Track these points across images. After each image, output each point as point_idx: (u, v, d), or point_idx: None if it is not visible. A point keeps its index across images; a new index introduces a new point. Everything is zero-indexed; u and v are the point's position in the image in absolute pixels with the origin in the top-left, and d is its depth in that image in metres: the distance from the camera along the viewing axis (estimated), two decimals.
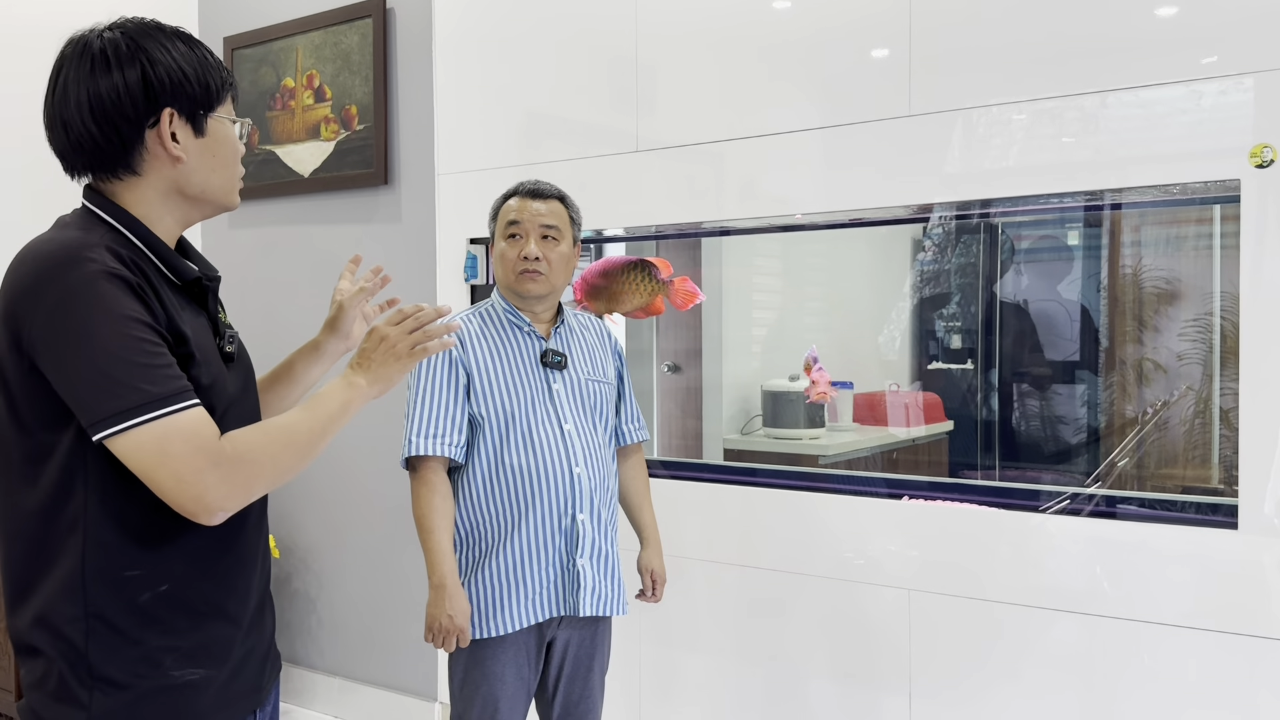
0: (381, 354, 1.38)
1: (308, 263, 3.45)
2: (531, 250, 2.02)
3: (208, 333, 1.32)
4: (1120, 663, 2.10)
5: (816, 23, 2.43)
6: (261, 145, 3.52)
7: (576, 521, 2.01)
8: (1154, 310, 2.81)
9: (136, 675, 1.23)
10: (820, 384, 2.65)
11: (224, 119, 1.33)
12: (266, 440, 1.25)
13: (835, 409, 3.22)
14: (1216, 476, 2.62)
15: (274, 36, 3.47)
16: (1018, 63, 2.18)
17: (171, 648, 1.25)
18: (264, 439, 1.25)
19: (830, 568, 2.44)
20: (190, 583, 1.27)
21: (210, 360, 1.29)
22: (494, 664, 1.99)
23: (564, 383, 2.06)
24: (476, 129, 3.01)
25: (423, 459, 1.98)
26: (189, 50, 1.30)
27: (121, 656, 1.23)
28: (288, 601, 3.55)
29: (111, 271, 1.17)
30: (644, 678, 2.75)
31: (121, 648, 1.23)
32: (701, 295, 2.53)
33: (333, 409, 1.32)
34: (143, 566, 1.24)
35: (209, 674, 1.28)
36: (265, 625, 1.41)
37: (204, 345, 1.29)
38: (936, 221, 2.78)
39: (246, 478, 1.21)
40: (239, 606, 1.33)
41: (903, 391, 3.34)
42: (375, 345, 1.38)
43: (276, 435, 1.26)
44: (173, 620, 1.26)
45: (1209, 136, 1.99)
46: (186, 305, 1.30)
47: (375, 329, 1.40)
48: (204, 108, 1.29)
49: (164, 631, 1.25)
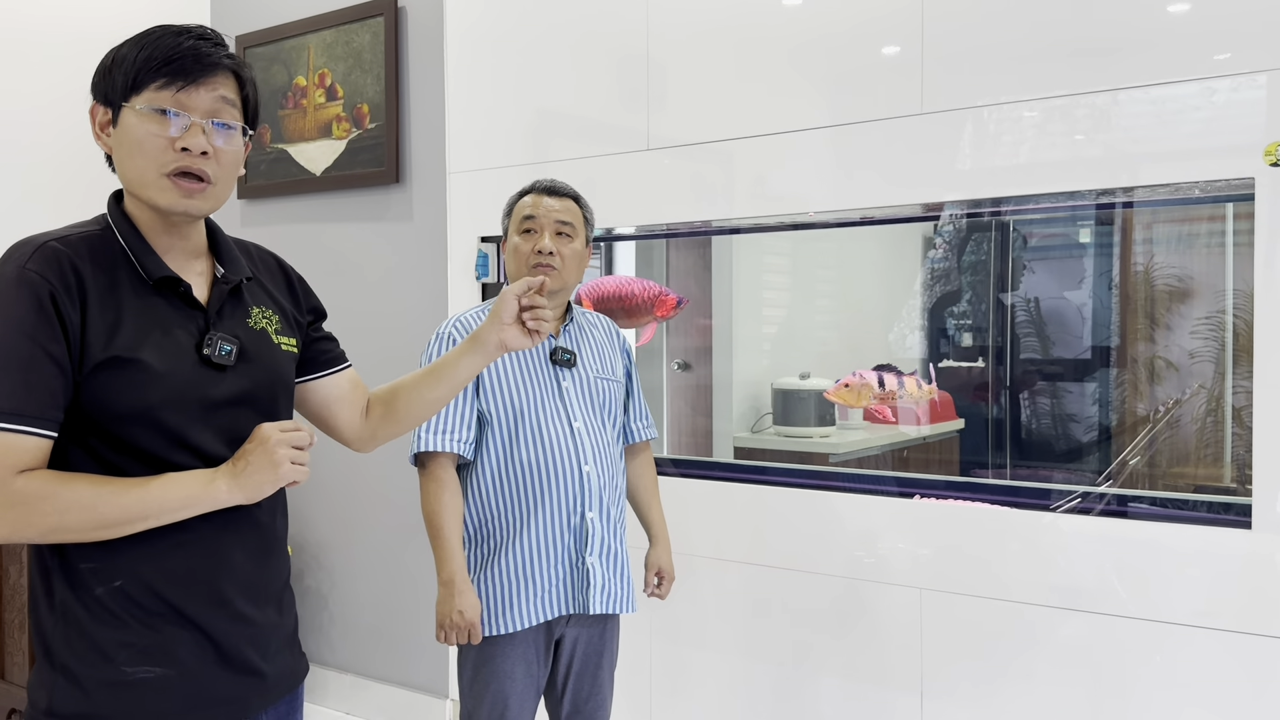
0: (257, 457, 1.26)
1: (319, 261, 3.46)
2: (546, 244, 2.03)
3: (190, 333, 1.29)
4: (1132, 662, 2.09)
5: (828, 21, 2.43)
6: (273, 144, 3.53)
7: (585, 519, 2.01)
8: (1166, 308, 2.80)
9: (89, 666, 1.24)
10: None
11: (135, 108, 1.24)
12: (64, 495, 1.18)
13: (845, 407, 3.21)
14: (1229, 475, 2.61)
15: (286, 35, 3.48)
16: (1029, 60, 2.17)
17: (125, 643, 1.25)
18: (62, 493, 1.18)
19: (841, 566, 2.44)
20: (145, 581, 1.26)
21: (168, 362, 1.25)
22: (504, 661, 2.00)
23: (573, 380, 2.07)
24: (488, 128, 3.02)
25: (432, 455, 1.99)
26: (139, 41, 1.27)
27: (78, 647, 1.24)
28: (300, 598, 3.56)
29: (26, 274, 1.18)
30: (653, 675, 2.75)
31: (78, 639, 1.25)
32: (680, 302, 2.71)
33: (171, 497, 1.23)
34: (96, 560, 1.24)
35: (165, 673, 1.26)
36: (256, 635, 1.35)
37: (167, 346, 1.26)
38: (948, 219, 2.77)
39: (17, 519, 1.17)
40: (204, 612, 1.29)
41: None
42: (255, 448, 1.26)
43: (79, 496, 1.19)
44: (126, 616, 1.25)
45: (1222, 134, 1.98)
46: (167, 304, 1.28)
47: (260, 428, 1.27)
48: (116, 99, 1.26)
49: (117, 626, 1.25)
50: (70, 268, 1.21)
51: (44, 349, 1.17)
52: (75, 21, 3.37)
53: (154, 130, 1.24)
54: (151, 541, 1.24)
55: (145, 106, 1.24)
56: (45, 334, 1.18)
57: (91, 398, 1.21)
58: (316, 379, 1.52)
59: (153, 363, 1.24)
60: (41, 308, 1.18)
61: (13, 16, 3.26)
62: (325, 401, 1.54)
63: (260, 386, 1.36)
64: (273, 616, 1.39)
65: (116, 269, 1.25)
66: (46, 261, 1.20)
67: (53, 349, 1.18)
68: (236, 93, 1.31)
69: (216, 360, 1.30)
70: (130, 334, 1.23)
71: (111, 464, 1.24)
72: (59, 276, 1.19)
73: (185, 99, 1.25)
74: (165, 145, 1.25)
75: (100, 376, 1.21)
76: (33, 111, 3.27)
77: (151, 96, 1.24)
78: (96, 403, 1.22)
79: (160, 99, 1.24)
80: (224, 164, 1.30)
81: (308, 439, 1.29)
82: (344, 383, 1.55)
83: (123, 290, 1.25)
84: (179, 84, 1.25)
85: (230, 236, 1.43)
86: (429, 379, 1.53)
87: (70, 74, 3.23)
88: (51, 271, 1.19)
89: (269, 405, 1.38)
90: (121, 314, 1.23)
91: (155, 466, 1.25)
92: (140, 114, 1.24)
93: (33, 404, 1.17)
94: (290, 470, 1.27)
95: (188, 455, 1.27)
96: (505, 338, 1.51)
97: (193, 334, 1.30)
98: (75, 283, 1.21)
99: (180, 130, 1.25)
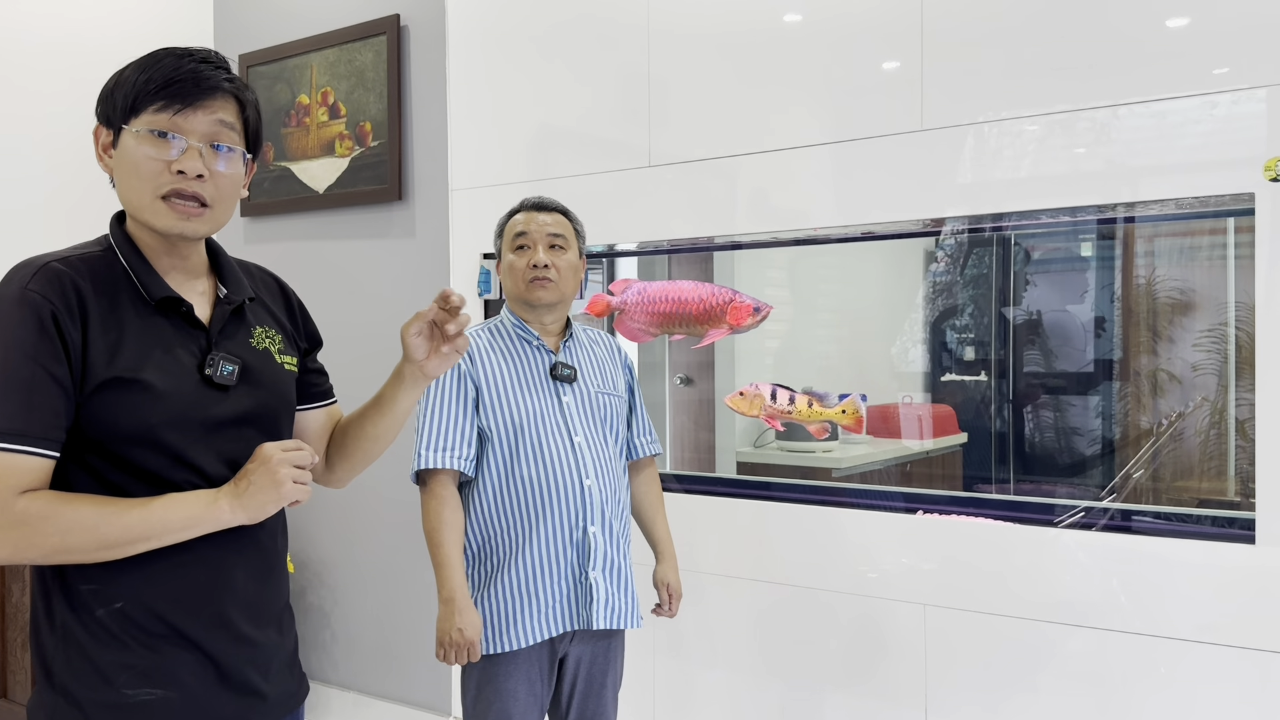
0: (260, 476, 1.24)
1: (322, 279, 3.48)
2: (540, 258, 2.04)
3: (192, 354, 1.29)
4: (1137, 677, 2.08)
5: (829, 38, 2.44)
6: (276, 162, 3.55)
7: (588, 534, 2.01)
8: (1168, 321, 2.79)
9: (90, 689, 1.24)
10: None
11: (135, 130, 1.24)
12: (66, 516, 1.17)
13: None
14: (1233, 489, 2.60)
15: (289, 54, 3.50)
16: (1029, 75, 2.17)
17: (126, 665, 1.24)
18: (64, 514, 1.17)
19: (845, 582, 2.43)
20: (145, 603, 1.25)
21: (170, 382, 1.25)
22: (507, 680, 1.99)
23: (574, 395, 2.07)
24: (490, 145, 3.03)
25: (432, 473, 1.99)
26: (139, 64, 1.27)
27: (77, 669, 1.24)
28: (302, 616, 3.55)
29: (28, 295, 1.18)
30: (658, 692, 2.74)
31: (78, 661, 1.24)
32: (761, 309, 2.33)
33: (174, 518, 1.22)
34: (97, 582, 1.24)
35: (167, 695, 1.26)
36: (257, 656, 1.35)
37: (169, 366, 1.26)
38: (949, 234, 2.77)
39: (19, 540, 1.16)
40: (206, 634, 1.29)
41: (916, 404, 3.33)
42: (257, 467, 1.25)
43: (82, 517, 1.18)
44: (127, 638, 1.25)
45: (1222, 148, 1.98)
46: (169, 325, 1.28)
47: (262, 447, 1.26)
48: (116, 121, 1.27)
49: (119, 649, 1.24)
50: (72, 288, 1.21)
51: (46, 369, 1.17)
52: (79, 41, 3.39)
53: (151, 153, 1.25)
54: (153, 563, 1.24)
55: (143, 129, 1.24)
56: (47, 354, 1.18)
57: (93, 418, 1.21)
58: (302, 411, 1.51)
59: (155, 383, 1.24)
60: (43, 328, 1.18)
61: (17, 38, 3.28)
62: (305, 435, 1.52)
63: (263, 406, 1.36)
64: (273, 637, 1.39)
65: (118, 289, 1.25)
66: (48, 282, 1.20)
67: (55, 369, 1.18)
68: (237, 116, 1.31)
69: (219, 380, 1.30)
70: (132, 354, 1.23)
71: (112, 483, 1.24)
72: (60, 297, 1.19)
73: (183, 122, 1.25)
74: (161, 168, 1.25)
75: (102, 397, 1.21)
76: (35, 132, 3.29)
77: (150, 119, 1.25)
78: (98, 423, 1.21)
79: (158, 121, 1.25)
80: (222, 187, 1.29)
81: (309, 458, 1.28)
82: (326, 419, 1.55)
83: (124, 310, 1.25)
84: (176, 106, 1.25)
85: (232, 257, 1.43)
86: (372, 413, 1.49)
87: (74, 95, 3.25)
88: (53, 292, 1.19)
89: (272, 425, 1.38)
90: (123, 334, 1.24)
91: (157, 486, 1.25)
92: (138, 136, 1.25)
93: (36, 424, 1.17)
94: (293, 489, 1.26)
95: (190, 474, 1.27)
96: (427, 370, 1.43)
97: (194, 354, 1.29)
98: (77, 303, 1.21)
99: (178, 153, 1.25)
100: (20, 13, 3.28)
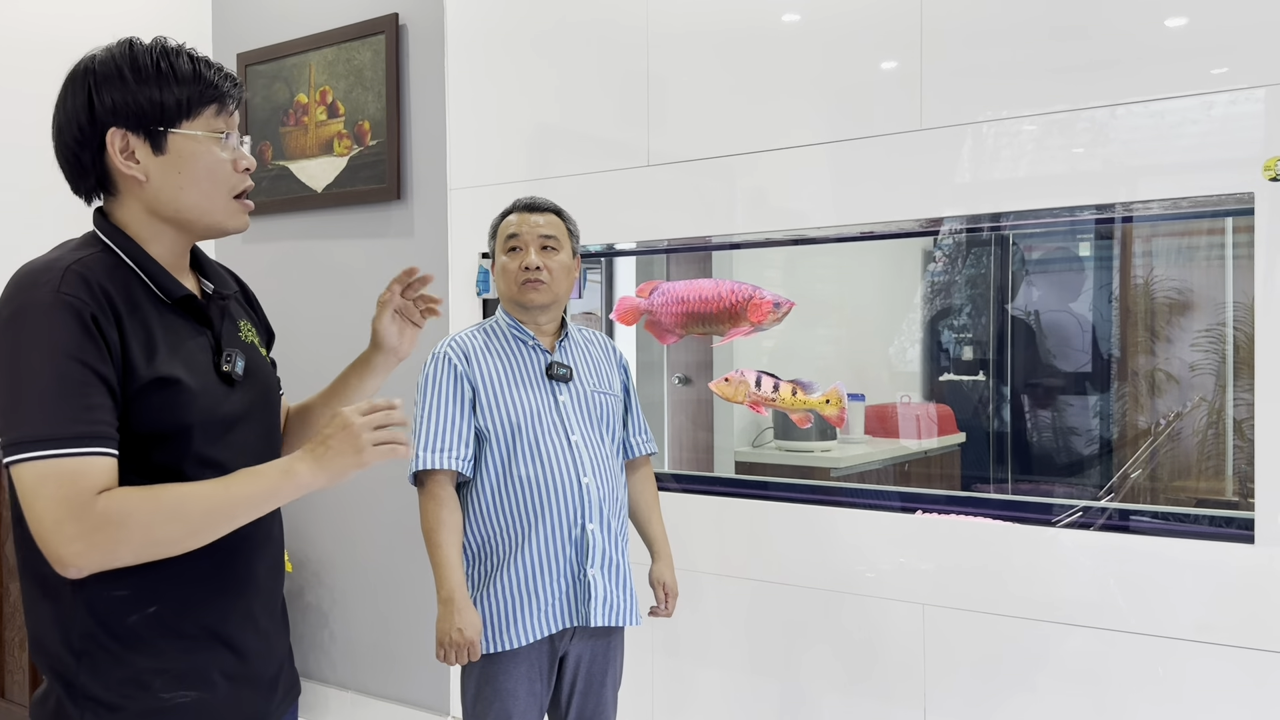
0: (339, 442, 1.22)
1: (320, 278, 3.47)
2: (532, 260, 2.04)
3: (205, 351, 1.29)
4: (1135, 677, 2.08)
5: (827, 38, 2.44)
6: (275, 161, 3.55)
7: (586, 531, 2.01)
8: (1166, 321, 2.80)
9: (125, 696, 1.22)
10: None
11: (193, 134, 1.25)
12: (149, 507, 1.15)
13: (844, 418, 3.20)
14: (1231, 489, 2.60)
15: (287, 53, 3.50)
16: (1028, 75, 2.18)
17: (161, 670, 1.23)
18: (147, 505, 1.15)
19: (843, 582, 2.44)
20: (180, 606, 1.24)
21: (198, 380, 1.25)
22: (506, 679, 1.99)
23: (570, 394, 2.07)
24: (488, 144, 3.03)
25: (430, 473, 1.99)
26: (160, 64, 1.24)
27: (110, 678, 1.21)
28: (300, 615, 3.55)
29: (63, 298, 1.15)
30: (656, 691, 2.74)
31: (110, 669, 1.21)
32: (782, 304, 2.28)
33: (254, 491, 1.20)
34: (129, 588, 1.21)
35: (201, 696, 1.26)
36: (273, 650, 1.37)
37: (195, 364, 1.26)
38: (947, 233, 2.77)
39: (108, 541, 1.13)
40: (237, 632, 1.29)
41: (914, 403, 3.33)
42: (336, 431, 1.23)
43: (165, 505, 1.17)
44: (162, 643, 1.23)
45: (1221, 148, 1.98)
46: (184, 323, 1.28)
47: (339, 414, 1.24)
48: (160, 124, 1.23)
49: (153, 654, 1.23)
50: (100, 289, 1.19)
51: (95, 371, 1.16)
52: (80, 41, 3.38)
53: (222, 155, 1.27)
54: (184, 563, 1.22)
55: (205, 131, 1.26)
56: (94, 356, 1.16)
57: (137, 418, 1.20)
58: None
59: (190, 382, 1.24)
60: (87, 330, 1.16)
61: (16, 38, 3.27)
62: None
63: (262, 399, 1.37)
64: (282, 629, 1.41)
65: (133, 289, 1.24)
66: (79, 284, 1.17)
67: (103, 370, 1.16)
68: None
69: (234, 376, 1.30)
70: (165, 354, 1.23)
71: (132, 484, 1.21)
72: (93, 298, 1.18)
73: (232, 122, 1.29)
74: (231, 169, 1.28)
75: (147, 398, 1.20)
76: (36, 131, 3.28)
77: (209, 122, 1.27)
78: (141, 423, 1.20)
79: (218, 124, 1.27)
80: None
81: (399, 416, 1.25)
82: (283, 410, 1.54)
83: (146, 310, 1.24)
84: (230, 108, 1.28)
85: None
86: (334, 401, 1.52)
87: None
88: (86, 293, 1.17)
89: (271, 418, 1.39)
90: (152, 334, 1.23)
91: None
92: (201, 140, 1.26)
93: (99, 425, 1.15)
94: (373, 453, 1.23)
95: (212, 472, 1.25)
96: (401, 353, 1.56)
97: (206, 351, 1.30)
98: (108, 304, 1.19)
99: (234, 153, 1.28)
100: (20, 13, 3.28)
